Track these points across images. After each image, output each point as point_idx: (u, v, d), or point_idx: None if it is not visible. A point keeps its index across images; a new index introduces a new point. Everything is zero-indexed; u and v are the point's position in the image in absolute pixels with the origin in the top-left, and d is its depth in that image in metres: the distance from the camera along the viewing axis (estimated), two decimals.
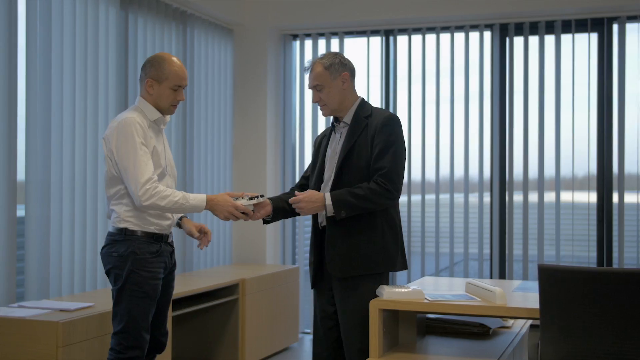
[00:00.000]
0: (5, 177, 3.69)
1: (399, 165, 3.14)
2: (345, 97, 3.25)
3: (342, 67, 3.23)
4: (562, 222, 5.51)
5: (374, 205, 3.10)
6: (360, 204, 3.06)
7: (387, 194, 3.09)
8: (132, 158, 2.98)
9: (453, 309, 2.92)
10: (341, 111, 3.27)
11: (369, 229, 3.14)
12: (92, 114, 4.29)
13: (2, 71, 3.69)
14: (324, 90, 3.23)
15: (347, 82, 3.24)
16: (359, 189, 3.08)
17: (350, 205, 3.05)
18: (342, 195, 3.07)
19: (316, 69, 3.24)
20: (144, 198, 2.96)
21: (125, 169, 3.00)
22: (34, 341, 3.25)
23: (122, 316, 3.04)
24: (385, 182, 3.08)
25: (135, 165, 2.97)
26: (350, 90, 3.27)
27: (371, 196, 3.07)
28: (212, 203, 3.10)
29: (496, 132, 5.66)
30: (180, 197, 3.02)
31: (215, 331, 4.90)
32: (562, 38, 5.48)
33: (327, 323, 3.30)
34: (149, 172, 2.99)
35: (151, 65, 3.14)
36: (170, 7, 5.08)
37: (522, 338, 3.45)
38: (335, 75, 3.21)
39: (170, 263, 3.20)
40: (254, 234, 5.85)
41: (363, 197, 3.06)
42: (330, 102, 3.24)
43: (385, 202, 3.12)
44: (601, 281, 2.52)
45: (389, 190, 3.09)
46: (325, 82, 3.21)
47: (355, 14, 5.76)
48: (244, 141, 5.95)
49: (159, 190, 2.98)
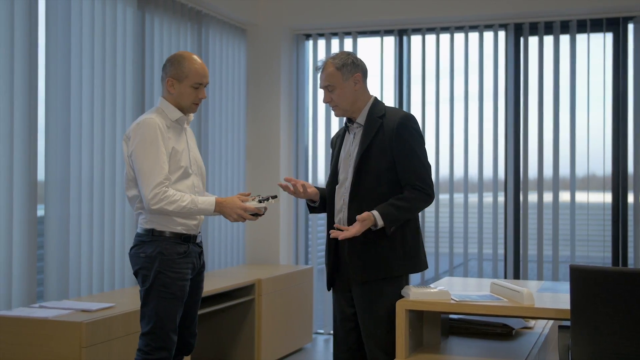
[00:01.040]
0: (26, 177, 3.68)
1: (427, 165, 3.14)
2: (357, 98, 3.20)
3: (355, 67, 3.19)
4: (577, 222, 5.49)
5: (417, 213, 3.12)
6: (406, 216, 3.09)
7: (428, 198, 3.10)
8: (146, 160, 2.98)
9: (480, 310, 2.91)
10: (353, 112, 3.23)
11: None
12: (110, 113, 4.28)
13: (23, 72, 3.68)
14: (336, 91, 3.18)
15: (359, 83, 3.20)
16: (402, 200, 3.06)
17: (398, 220, 3.06)
18: (392, 214, 3.04)
19: (328, 69, 3.19)
20: (152, 202, 2.95)
21: (139, 170, 3.00)
22: (57, 341, 3.25)
23: (150, 317, 3.03)
24: (424, 187, 3.08)
25: (148, 168, 2.96)
26: (362, 91, 3.22)
27: (416, 205, 3.08)
28: (221, 206, 3.08)
29: (511, 132, 5.65)
30: (189, 201, 3.00)
31: (231, 332, 4.89)
32: (577, 38, 5.47)
33: (347, 325, 3.28)
34: (162, 176, 2.97)
35: (171, 64, 3.13)
36: (186, 6, 5.08)
37: (546, 338, 3.44)
38: (348, 76, 3.16)
39: (198, 264, 3.19)
40: (267, 234, 5.84)
41: (408, 209, 3.07)
42: (342, 103, 3.20)
43: (425, 206, 3.14)
44: (634, 282, 2.50)
45: (429, 194, 3.09)
46: (336, 82, 3.17)
47: (368, 13, 5.75)
48: (257, 141, 5.95)
49: (168, 195, 2.97)
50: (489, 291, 3.23)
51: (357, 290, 3.18)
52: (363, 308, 3.15)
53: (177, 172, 3.09)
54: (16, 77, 3.64)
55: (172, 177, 3.07)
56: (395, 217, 3.03)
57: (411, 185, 3.08)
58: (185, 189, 3.10)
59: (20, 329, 3.31)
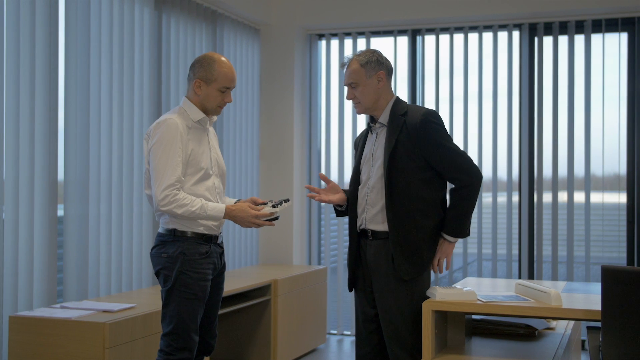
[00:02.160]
0: (47, 177, 3.68)
1: (460, 151, 3.14)
2: (380, 95, 3.21)
3: (379, 65, 3.20)
4: (592, 223, 5.48)
5: (474, 203, 3.16)
6: (468, 216, 3.16)
7: (475, 187, 3.12)
8: (160, 161, 2.97)
9: (508, 311, 2.89)
10: (376, 110, 3.23)
11: (422, 229, 3.12)
12: (128, 114, 4.27)
13: (44, 74, 3.68)
14: (359, 88, 3.19)
15: (382, 81, 3.20)
16: (456, 208, 3.12)
17: (467, 225, 3.16)
18: (457, 228, 3.13)
19: (352, 66, 3.20)
20: (162, 203, 2.95)
21: (153, 169, 2.99)
22: (80, 342, 3.24)
23: (172, 317, 3.02)
24: (466, 176, 3.10)
25: (162, 168, 2.95)
26: (385, 89, 3.23)
27: (467, 202, 3.12)
28: (231, 215, 3.07)
29: (525, 132, 5.63)
30: (198, 207, 2.98)
31: (247, 332, 4.88)
32: (592, 37, 5.46)
33: (369, 326, 3.27)
34: (174, 177, 2.96)
35: (200, 65, 3.11)
36: (202, 6, 5.07)
37: (569, 339, 3.43)
38: (371, 73, 3.18)
39: (219, 264, 3.18)
40: (280, 234, 5.83)
41: (466, 210, 3.13)
42: (365, 100, 3.20)
43: (477, 192, 3.16)
44: None
45: (473, 182, 3.11)
46: (360, 79, 3.18)
47: (382, 13, 5.74)
48: (270, 141, 5.94)
49: (178, 198, 2.96)
50: (514, 292, 3.22)
51: (379, 291, 3.17)
52: (385, 309, 3.14)
53: (198, 174, 3.07)
54: (37, 79, 3.64)
55: (192, 179, 3.06)
56: (461, 225, 3.13)
57: (455, 178, 3.13)
58: (205, 191, 3.09)
59: (42, 329, 3.30)
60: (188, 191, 3.03)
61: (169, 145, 2.98)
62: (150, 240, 4.44)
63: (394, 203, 3.11)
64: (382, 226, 3.15)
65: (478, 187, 3.13)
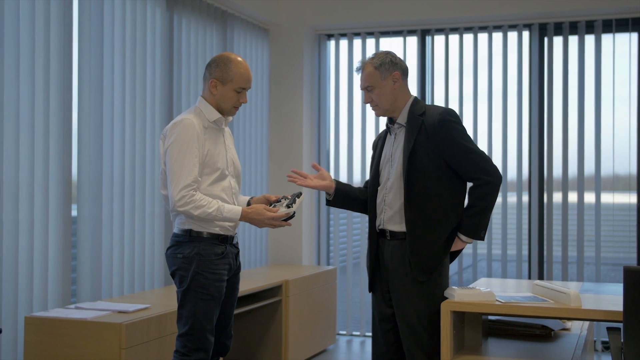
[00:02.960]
0: (61, 177, 3.67)
1: (479, 151, 3.12)
2: (397, 96, 3.20)
3: (393, 66, 3.18)
4: (602, 223, 5.47)
5: (492, 205, 3.14)
6: (486, 217, 3.14)
7: (494, 186, 3.10)
8: (177, 161, 2.95)
9: (527, 311, 2.88)
10: (394, 111, 3.22)
11: (440, 230, 3.11)
12: (140, 113, 4.27)
13: (58, 75, 3.68)
14: (375, 91, 3.18)
15: (398, 81, 3.19)
16: (473, 207, 3.10)
17: (483, 225, 3.13)
18: (472, 228, 3.11)
19: (367, 69, 3.19)
20: (179, 203, 2.93)
21: (169, 170, 2.98)
22: (97, 343, 3.23)
23: (187, 318, 3.01)
24: (485, 177, 3.08)
25: (179, 168, 2.94)
26: (402, 89, 3.22)
27: (486, 202, 3.10)
28: (248, 218, 3.06)
29: (535, 132, 5.63)
30: (215, 209, 2.97)
31: (258, 333, 4.87)
32: (603, 38, 5.45)
33: (386, 325, 3.27)
34: (190, 178, 2.95)
35: (217, 65, 3.10)
36: (212, 6, 5.06)
37: (585, 340, 3.42)
38: (386, 75, 3.17)
39: (235, 265, 3.17)
40: (289, 235, 5.82)
41: (484, 209, 3.11)
42: (382, 102, 3.20)
43: (496, 192, 3.13)
44: None
45: (492, 181, 3.08)
46: (375, 82, 3.17)
47: (391, 13, 5.73)
48: (279, 141, 5.93)
49: (195, 199, 2.95)
50: (530, 292, 3.21)
51: (395, 291, 3.17)
52: (402, 309, 3.14)
53: (214, 174, 3.06)
54: (52, 80, 3.63)
55: (209, 180, 3.05)
56: (476, 225, 3.11)
57: (474, 178, 3.10)
58: (221, 191, 3.08)
59: (58, 330, 3.29)
60: (204, 192, 3.02)
61: (185, 146, 2.97)
62: (162, 241, 4.43)
63: (412, 203, 3.10)
64: (400, 227, 3.14)
65: (497, 186, 3.11)
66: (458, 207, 3.16)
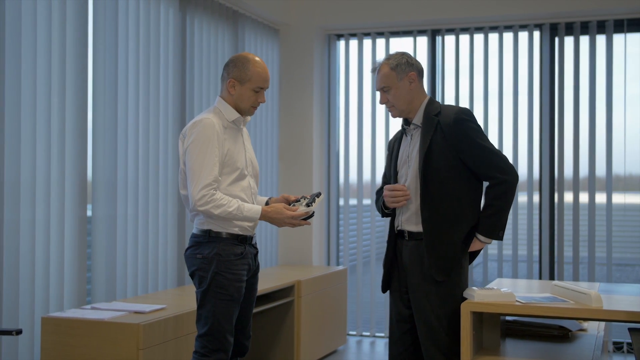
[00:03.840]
0: (76, 177, 3.67)
1: (495, 150, 3.11)
2: (413, 97, 3.19)
3: (409, 66, 3.18)
4: (613, 224, 5.46)
5: (510, 204, 3.11)
6: (504, 217, 3.11)
7: (512, 185, 3.08)
8: (197, 160, 2.95)
9: (549, 312, 2.87)
10: (410, 112, 3.21)
11: (457, 229, 3.11)
12: (154, 113, 4.26)
13: (74, 75, 3.67)
14: (391, 92, 3.18)
15: (414, 82, 3.19)
16: (490, 207, 3.08)
17: (500, 225, 3.10)
18: (489, 228, 3.09)
19: (382, 70, 3.19)
20: (199, 203, 2.93)
21: (189, 169, 2.97)
22: (114, 343, 3.22)
23: (207, 319, 3.00)
24: (501, 174, 3.06)
25: (199, 168, 2.94)
26: (418, 90, 3.21)
27: (503, 201, 3.07)
28: (267, 217, 3.06)
29: (546, 132, 5.62)
30: (235, 208, 2.97)
31: (270, 333, 4.87)
32: (614, 38, 5.44)
33: (403, 326, 3.26)
34: (211, 177, 2.94)
35: (234, 65, 3.10)
36: (224, 6, 5.06)
37: (602, 341, 3.42)
38: (402, 75, 3.16)
39: (253, 265, 3.16)
40: (300, 235, 5.81)
41: (501, 209, 3.08)
42: (398, 103, 3.19)
43: (513, 191, 3.11)
44: None
45: (508, 180, 3.07)
46: (391, 83, 3.17)
47: (401, 13, 5.72)
48: (289, 141, 5.92)
49: (216, 198, 2.94)
50: (549, 293, 3.20)
51: (413, 291, 3.16)
52: (420, 309, 3.13)
53: (234, 174, 3.06)
54: (68, 80, 3.63)
55: (229, 179, 3.04)
56: (493, 225, 3.08)
57: (491, 177, 3.08)
58: (240, 191, 3.07)
59: (74, 330, 3.28)
60: (224, 191, 3.01)
61: (205, 145, 2.96)
62: (175, 241, 4.43)
63: (428, 203, 3.09)
64: (418, 227, 3.14)
65: (513, 185, 3.09)
66: (475, 206, 3.15)
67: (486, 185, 3.16)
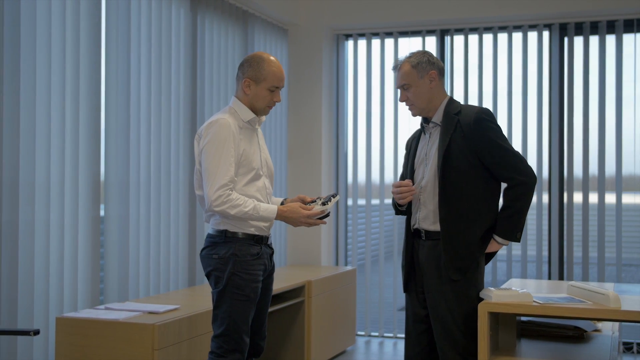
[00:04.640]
0: (90, 177, 3.67)
1: (515, 152, 3.11)
2: (434, 96, 3.19)
3: (430, 65, 3.17)
4: (623, 224, 5.45)
5: (528, 205, 3.11)
6: (522, 218, 3.11)
7: (529, 186, 3.07)
8: (213, 160, 2.94)
9: (567, 313, 2.86)
10: (429, 111, 3.21)
11: (474, 229, 3.10)
12: (165, 113, 4.26)
13: (88, 76, 3.68)
14: (411, 90, 3.17)
15: (434, 80, 3.18)
16: (508, 208, 3.08)
17: (518, 227, 3.11)
18: (507, 229, 3.09)
19: (404, 68, 3.18)
20: (216, 203, 2.92)
21: (205, 170, 2.97)
22: (128, 344, 3.21)
23: (223, 319, 3.00)
24: (519, 175, 3.06)
25: (214, 168, 2.93)
26: (438, 89, 3.20)
27: (521, 203, 3.07)
28: (283, 216, 3.05)
29: (555, 132, 5.61)
30: (251, 207, 2.96)
31: (281, 333, 4.86)
32: (624, 38, 5.43)
33: (419, 326, 3.25)
34: (227, 177, 2.94)
35: (249, 65, 3.09)
36: (234, 6, 5.05)
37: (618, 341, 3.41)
38: (423, 73, 3.16)
39: (269, 265, 3.16)
40: (308, 236, 5.81)
41: (519, 210, 3.08)
42: (418, 101, 3.18)
43: (531, 192, 3.10)
44: None
45: (527, 182, 3.06)
46: (412, 81, 3.16)
47: (410, 13, 5.71)
48: (298, 141, 5.92)
49: (232, 198, 2.94)
50: (565, 293, 3.19)
51: (429, 291, 3.15)
52: (435, 309, 3.12)
53: (249, 174, 3.05)
54: (81, 82, 3.63)
55: (244, 179, 3.04)
56: (511, 226, 3.08)
57: (509, 178, 3.07)
58: (255, 192, 3.07)
59: (89, 330, 3.28)
60: (239, 192, 3.01)
61: (221, 145, 2.96)
62: (186, 241, 4.42)
63: (446, 202, 3.09)
64: (435, 226, 3.13)
65: (531, 187, 3.09)
66: (492, 207, 3.14)
67: (504, 187, 3.16)
